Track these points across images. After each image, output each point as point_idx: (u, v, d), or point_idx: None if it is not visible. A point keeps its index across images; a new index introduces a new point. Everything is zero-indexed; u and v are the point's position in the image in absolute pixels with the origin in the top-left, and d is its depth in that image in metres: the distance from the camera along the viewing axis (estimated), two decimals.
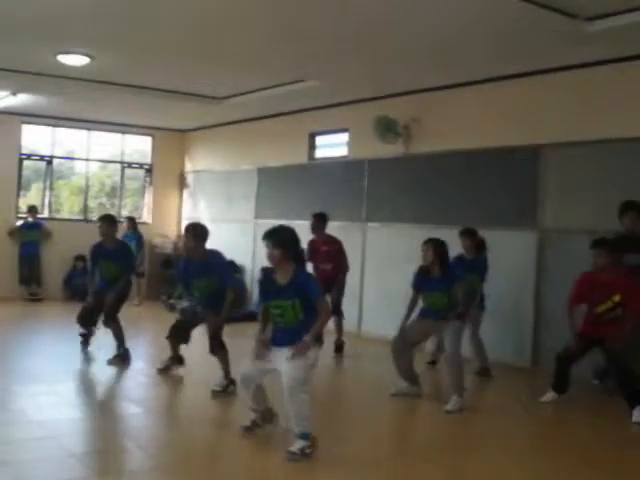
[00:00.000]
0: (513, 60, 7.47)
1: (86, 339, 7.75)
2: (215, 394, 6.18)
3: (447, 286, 6.18)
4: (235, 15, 6.42)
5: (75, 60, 8.23)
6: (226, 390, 6.22)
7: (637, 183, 6.97)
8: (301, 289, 4.61)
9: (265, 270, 4.85)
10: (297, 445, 4.51)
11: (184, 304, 6.95)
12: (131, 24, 6.91)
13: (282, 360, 4.57)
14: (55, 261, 12.45)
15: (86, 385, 6.82)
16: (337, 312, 8.34)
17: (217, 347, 6.34)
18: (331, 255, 8.36)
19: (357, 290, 9.81)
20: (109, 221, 7.60)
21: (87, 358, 7.61)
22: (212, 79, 9.31)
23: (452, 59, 7.56)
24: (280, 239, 4.62)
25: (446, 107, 8.83)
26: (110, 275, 7.41)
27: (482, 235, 7.48)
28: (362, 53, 7.50)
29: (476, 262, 7.28)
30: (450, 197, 8.69)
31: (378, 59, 7.73)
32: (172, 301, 6.94)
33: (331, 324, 8.13)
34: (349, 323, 9.57)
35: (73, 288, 12.30)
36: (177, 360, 6.87)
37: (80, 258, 12.37)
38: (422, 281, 6.35)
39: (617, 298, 5.92)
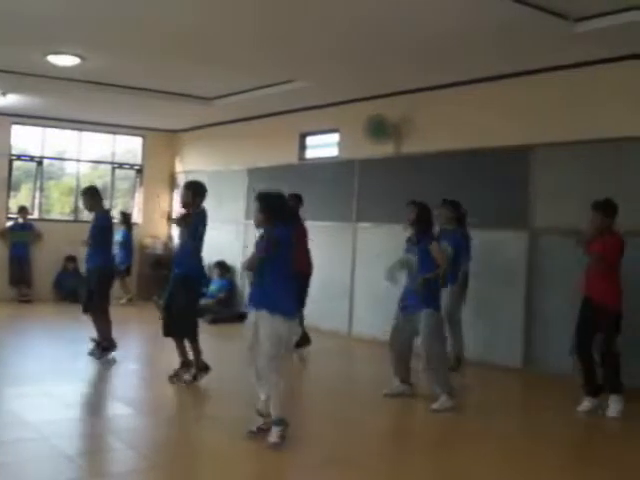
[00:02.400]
0: (503, 60, 7.50)
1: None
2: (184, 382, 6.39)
3: (418, 247, 6.12)
4: (225, 16, 6.43)
5: (65, 61, 8.21)
6: (197, 379, 6.39)
7: (627, 183, 7.01)
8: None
9: None
10: (275, 433, 4.69)
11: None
12: (122, 25, 6.90)
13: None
14: (45, 262, 12.37)
15: (78, 386, 6.79)
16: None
17: (183, 331, 6.48)
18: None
19: (348, 291, 9.83)
20: (91, 193, 7.62)
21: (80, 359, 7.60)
22: (202, 80, 9.30)
23: (442, 59, 7.57)
24: (267, 204, 4.97)
25: (436, 107, 8.84)
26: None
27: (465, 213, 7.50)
28: (352, 53, 7.51)
29: (454, 233, 7.16)
30: (441, 198, 8.67)
31: (368, 59, 7.74)
32: (162, 302, 6.98)
33: None
34: (340, 324, 9.60)
35: (64, 289, 12.25)
36: (186, 365, 6.67)
37: (71, 259, 12.33)
38: (406, 248, 6.34)
39: None
